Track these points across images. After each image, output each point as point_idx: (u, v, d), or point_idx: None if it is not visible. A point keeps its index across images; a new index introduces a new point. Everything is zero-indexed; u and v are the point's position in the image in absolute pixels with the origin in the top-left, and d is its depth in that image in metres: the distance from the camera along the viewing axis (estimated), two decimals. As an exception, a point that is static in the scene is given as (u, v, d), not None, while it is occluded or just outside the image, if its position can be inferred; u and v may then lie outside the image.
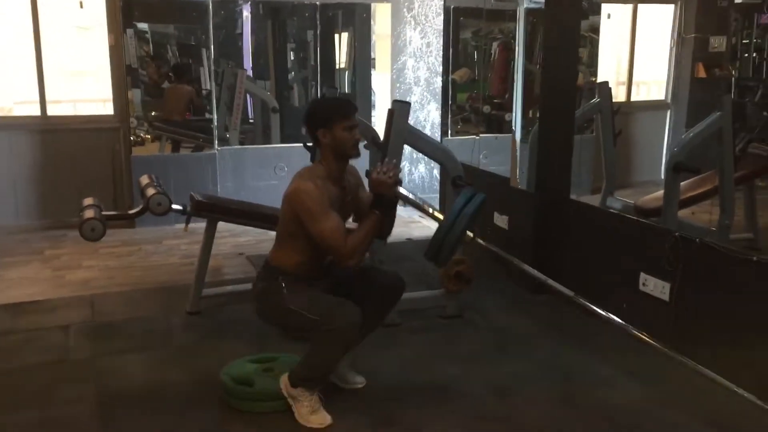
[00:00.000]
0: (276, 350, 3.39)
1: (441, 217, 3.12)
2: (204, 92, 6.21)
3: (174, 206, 3.91)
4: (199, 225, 4.07)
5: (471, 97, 6.12)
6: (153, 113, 6.16)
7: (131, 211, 4.17)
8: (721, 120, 4.05)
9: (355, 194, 3.00)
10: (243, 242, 5.47)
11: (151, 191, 3.89)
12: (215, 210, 3.99)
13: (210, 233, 3.98)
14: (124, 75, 5.89)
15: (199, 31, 6.06)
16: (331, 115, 2.80)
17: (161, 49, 6.24)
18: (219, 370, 3.15)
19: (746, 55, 6.43)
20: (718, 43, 5.86)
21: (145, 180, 4.12)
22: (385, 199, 2.81)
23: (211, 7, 5.89)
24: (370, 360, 3.39)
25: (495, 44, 6.11)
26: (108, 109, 6.17)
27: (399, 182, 2.86)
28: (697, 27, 6.12)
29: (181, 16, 6.09)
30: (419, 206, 3.44)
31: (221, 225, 4.07)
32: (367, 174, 3.00)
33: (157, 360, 3.50)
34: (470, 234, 2.82)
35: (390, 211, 2.89)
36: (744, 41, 6.35)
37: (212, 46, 6.01)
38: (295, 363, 2.96)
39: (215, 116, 6.15)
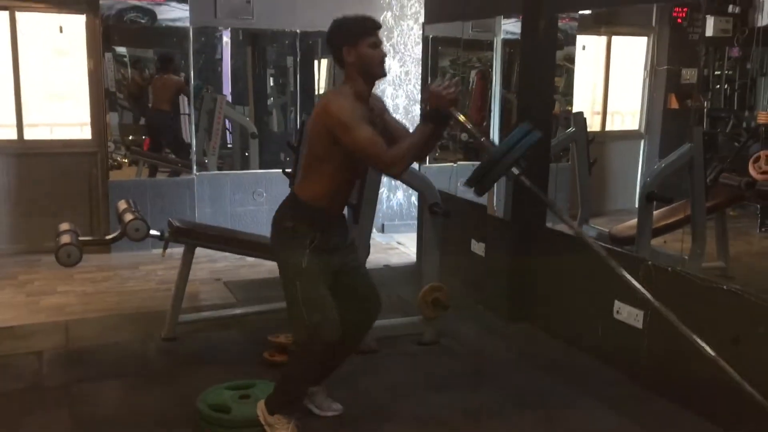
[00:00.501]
0: (253, 376, 3.38)
1: (490, 145, 2.91)
2: (184, 117, 6.21)
3: (152, 232, 3.90)
4: (177, 250, 4.06)
5: (460, 122, 6.17)
6: (131, 137, 6.16)
7: (108, 237, 4.15)
8: (691, 151, 4.13)
9: (383, 118, 2.88)
10: (220, 268, 5.45)
11: (129, 216, 3.88)
12: (193, 236, 3.98)
13: (187, 259, 3.97)
14: (102, 99, 5.89)
15: (179, 56, 6.08)
16: (356, 30, 2.70)
17: (141, 74, 6.25)
18: (195, 396, 3.13)
19: (718, 86, 6.61)
20: (689, 75, 6.01)
21: (122, 205, 4.11)
22: (440, 113, 2.67)
23: (191, 32, 5.92)
24: (347, 387, 3.39)
25: (473, 72, 6.21)
26: (86, 133, 6.15)
27: (456, 100, 2.71)
28: (669, 59, 6.27)
29: (161, 42, 6.11)
30: (470, 131, 3.16)
31: (199, 250, 4.07)
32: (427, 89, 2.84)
33: (132, 387, 3.47)
34: (515, 171, 2.70)
35: (441, 127, 2.75)
36: (716, 73, 6.53)
37: (192, 71, 6.02)
38: (272, 389, 2.95)
39: (194, 141, 6.15)
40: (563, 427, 3.16)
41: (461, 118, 2.76)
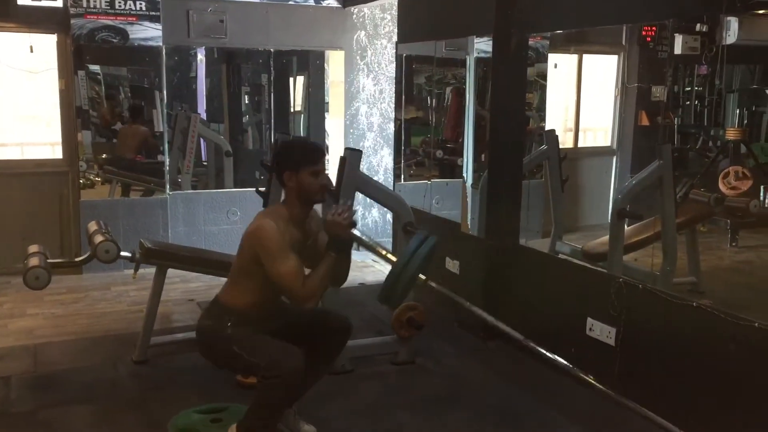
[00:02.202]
0: (226, 400, 3.35)
1: (394, 259, 3.12)
2: (157, 134, 6.18)
3: (123, 253, 3.85)
4: (149, 271, 4.01)
5: (425, 141, 6.21)
6: (104, 156, 6.10)
7: (78, 259, 4.10)
8: (661, 169, 4.18)
9: (316, 238, 2.98)
10: (194, 288, 5.39)
11: (99, 238, 3.83)
12: (165, 257, 3.94)
13: (159, 280, 3.93)
14: (74, 119, 5.83)
15: (153, 74, 6.05)
16: (299, 159, 2.80)
17: (114, 91, 6.21)
18: (166, 421, 3.09)
19: (688, 103, 6.72)
20: (659, 92, 6.11)
21: (93, 226, 4.05)
22: (340, 240, 2.81)
23: (164, 51, 5.90)
24: (320, 408, 3.37)
25: (449, 89, 6.25)
26: (57, 152, 6.08)
27: (353, 224, 2.87)
28: (639, 77, 6.37)
29: (134, 60, 6.07)
30: (373, 248, 3.44)
31: (172, 270, 4.02)
32: (323, 218, 3.02)
33: (102, 412, 3.41)
34: (422, 277, 2.83)
35: (344, 253, 2.89)
36: (686, 89, 6.64)
37: (165, 90, 5.99)
38: (244, 413, 2.92)
39: (167, 160, 6.11)
40: (538, 446, 3.16)
41: (362, 237, 2.95)
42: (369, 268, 6.19)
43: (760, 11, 5.15)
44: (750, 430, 2.86)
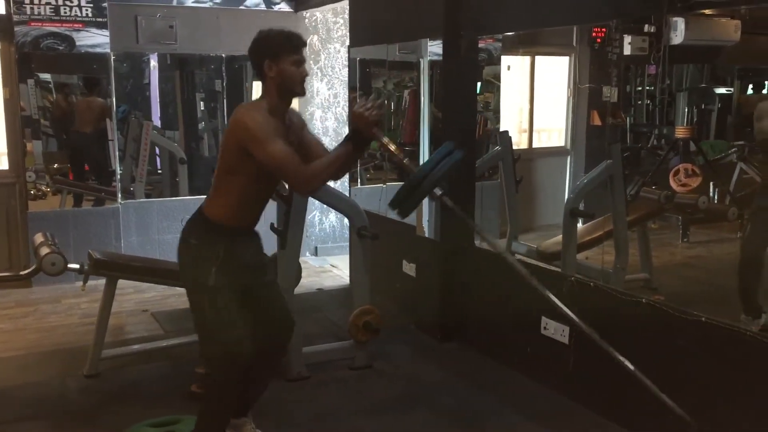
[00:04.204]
0: (180, 411, 3.29)
1: (412, 168, 2.90)
2: (110, 142, 6.06)
3: (71, 265, 3.76)
4: (102, 282, 3.92)
5: (383, 144, 6.19)
6: (56, 165, 5.97)
7: (23, 272, 3.99)
8: (611, 168, 4.24)
9: (300, 135, 2.84)
10: (148, 298, 5.30)
11: (44, 250, 3.73)
12: (114, 268, 3.86)
13: (109, 292, 3.84)
14: (19, 128, 5.69)
15: (104, 82, 5.94)
16: (280, 46, 2.65)
17: (64, 100, 6.08)
18: (117, 436, 3.03)
19: (639, 102, 6.83)
20: (610, 92, 6.20)
21: (39, 238, 3.95)
22: (362, 134, 2.64)
23: (112, 58, 5.79)
24: (277, 416, 3.34)
25: (406, 92, 6.25)
26: (3, 163, 5.93)
27: (378, 122, 2.68)
28: (591, 77, 6.46)
29: (83, 67, 5.95)
30: (392, 152, 3.12)
31: (126, 281, 3.95)
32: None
33: (51, 428, 3.33)
34: (438, 192, 2.68)
35: (362, 148, 2.73)
36: (638, 89, 6.75)
37: (114, 97, 5.88)
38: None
39: (118, 168, 6.00)
40: (494, 446, 3.17)
41: (384, 140, 2.74)
42: (327, 273, 6.16)
43: (704, 11, 5.28)
44: (698, 424, 2.90)
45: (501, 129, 6.05)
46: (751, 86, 6.05)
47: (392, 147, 2.84)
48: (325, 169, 2.64)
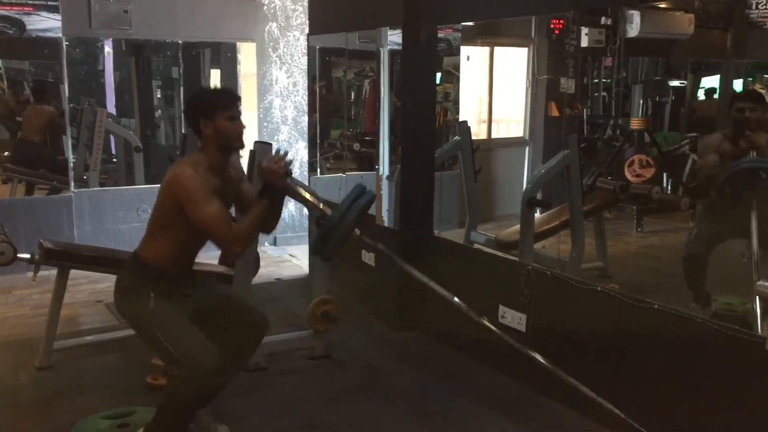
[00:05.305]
0: (134, 403, 3.24)
1: (329, 211, 2.99)
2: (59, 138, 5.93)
3: (20, 255, 3.66)
4: (54, 272, 3.83)
5: (343, 134, 6.18)
6: (6, 153, 5.81)
7: (-29, 262, 3.87)
8: (567, 158, 4.29)
9: (238, 188, 2.88)
10: (102, 288, 5.19)
11: (-7, 240, 3.63)
12: (66, 257, 3.77)
13: (61, 282, 3.76)
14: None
15: (57, 67, 5.79)
16: (213, 104, 2.68)
17: (17, 86, 5.91)
18: (71, 428, 2.98)
19: (597, 94, 6.93)
20: (568, 84, 6.28)
21: (-13, 228, 3.84)
22: (274, 188, 2.73)
23: (64, 43, 5.63)
24: (234, 407, 3.31)
25: (366, 81, 6.23)
26: (-50, 152, 5.76)
27: (289, 173, 2.79)
28: (549, 69, 6.53)
29: (34, 52, 5.80)
30: (306, 199, 3.20)
31: (79, 272, 3.86)
32: (257, 165, 2.92)
33: (2, 422, 3.24)
34: (357, 232, 2.74)
35: (278, 201, 2.82)
36: (595, 81, 6.84)
37: (67, 84, 5.74)
38: (152, 416, 2.83)
39: (71, 157, 5.86)
40: (453, 433, 3.20)
41: (297, 188, 2.94)
42: (286, 263, 6.13)
43: (659, 4, 5.37)
44: (652, 409, 2.97)
45: (460, 119, 6.09)
46: (702, 91, 6.17)
47: (305, 194, 2.97)
48: (248, 229, 2.73)
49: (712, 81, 5.98)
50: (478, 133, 6.67)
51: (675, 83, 6.45)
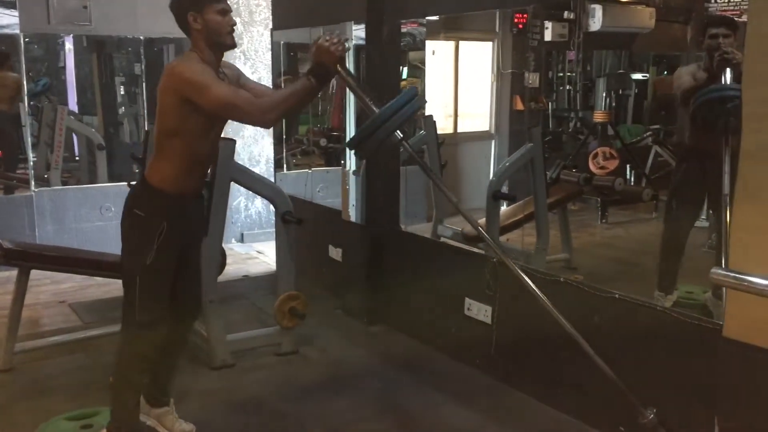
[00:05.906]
0: (98, 404, 3.19)
1: (375, 109, 2.83)
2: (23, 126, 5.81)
3: (-22, 256, 3.59)
4: (14, 273, 3.76)
5: (311, 130, 6.16)
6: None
7: (-74, 264, 3.79)
8: (531, 151, 4.32)
9: (239, 83, 2.73)
10: (65, 289, 5.11)
11: (-50, 240, 3.56)
12: (27, 257, 3.70)
13: (22, 283, 3.69)
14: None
15: (16, 64, 5.66)
16: None
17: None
18: (33, 430, 2.93)
19: (562, 88, 6.99)
20: (532, 78, 6.32)
21: (-56, 228, 3.75)
22: (325, 68, 2.54)
23: (22, 40, 5.52)
24: (200, 405, 3.28)
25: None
26: None
27: (343, 57, 2.58)
28: (513, 63, 6.56)
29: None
30: (355, 89, 3.01)
31: (41, 272, 3.79)
32: (313, 43, 2.67)
33: (-40, 427, 3.18)
34: (399, 134, 2.64)
35: (324, 83, 2.65)
36: (560, 74, 6.90)
37: (25, 80, 5.62)
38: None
39: (31, 154, 5.75)
40: (423, 427, 3.20)
41: (346, 75, 2.65)
42: (254, 260, 6.09)
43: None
44: (615, 400, 3.01)
45: (426, 113, 6.09)
46: (665, 72, 6.27)
47: (354, 84, 2.77)
48: (285, 100, 2.57)
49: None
50: (443, 127, 6.68)
51: (638, 76, 6.53)
